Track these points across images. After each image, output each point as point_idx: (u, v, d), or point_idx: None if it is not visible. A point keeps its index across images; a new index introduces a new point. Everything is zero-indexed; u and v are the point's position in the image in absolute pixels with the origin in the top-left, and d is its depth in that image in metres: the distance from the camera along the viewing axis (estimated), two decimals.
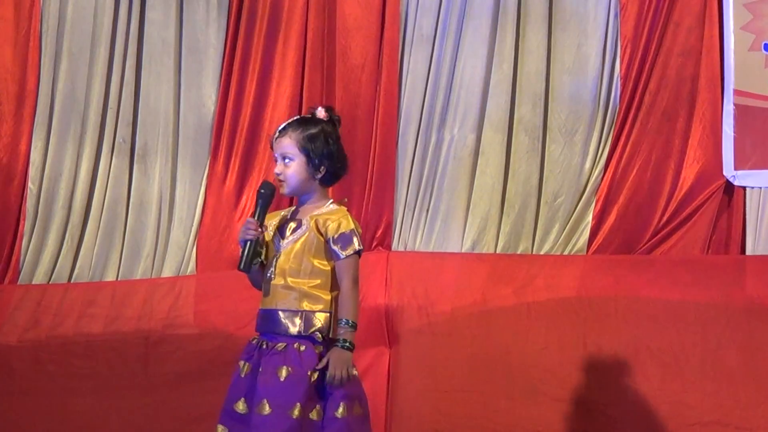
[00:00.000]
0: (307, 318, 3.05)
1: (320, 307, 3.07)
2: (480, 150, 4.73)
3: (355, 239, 3.09)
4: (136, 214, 4.70)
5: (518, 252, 4.68)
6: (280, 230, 3.17)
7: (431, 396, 4.38)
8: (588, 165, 4.69)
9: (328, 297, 3.08)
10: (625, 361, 4.31)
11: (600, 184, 4.66)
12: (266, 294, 3.13)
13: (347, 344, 3.02)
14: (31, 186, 4.62)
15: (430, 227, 4.73)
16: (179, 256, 4.69)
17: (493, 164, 4.72)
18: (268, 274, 3.12)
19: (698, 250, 4.57)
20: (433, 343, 4.44)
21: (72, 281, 4.62)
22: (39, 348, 4.39)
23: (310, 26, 4.71)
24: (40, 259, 4.61)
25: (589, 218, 4.66)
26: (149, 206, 4.71)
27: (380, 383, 4.42)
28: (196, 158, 4.75)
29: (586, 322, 4.38)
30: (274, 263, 3.12)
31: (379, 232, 4.71)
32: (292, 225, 3.15)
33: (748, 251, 4.56)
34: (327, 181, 3.18)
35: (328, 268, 3.10)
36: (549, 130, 4.70)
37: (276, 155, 3.16)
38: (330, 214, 3.12)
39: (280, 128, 3.17)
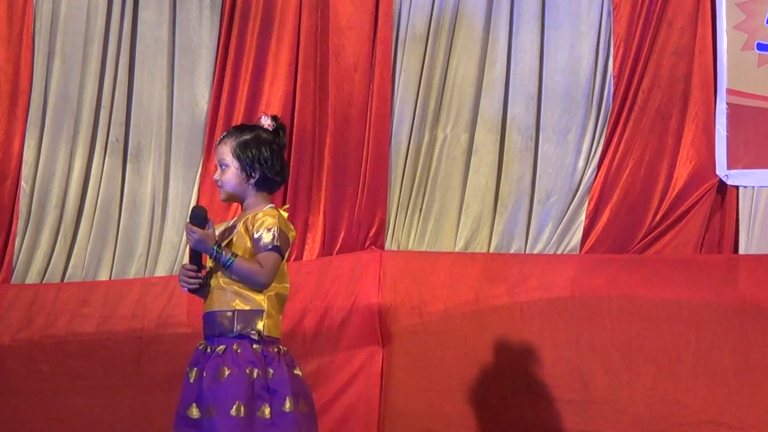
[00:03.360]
0: (241, 317, 3.07)
1: (253, 306, 3.08)
2: (473, 149, 4.72)
3: (274, 235, 3.08)
4: (129, 213, 4.70)
5: (511, 251, 4.67)
6: (221, 237, 3.19)
7: (424, 395, 4.38)
8: (581, 164, 4.68)
9: (260, 296, 3.09)
10: (618, 361, 4.31)
11: (593, 184, 4.65)
12: (206, 298, 3.16)
13: (217, 247, 3.04)
14: (24, 185, 4.62)
15: (423, 226, 4.72)
16: (172, 256, 4.68)
17: (486, 163, 4.71)
18: (207, 279, 3.16)
19: (691, 250, 4.56)
20: (427, 343, 4.44)
21: (65, 280, 4.63)
22: (32, 347, 4.40)
23: (303, 26, 4.70)
24: (33, 259, 4.61)
25: (582, 217, 4.65)
26: (142, 206, 4.70)
27: (373, 383, 4.42)
28: (189, 157, 4.74)
29: (579, 322, 4.38)
30: (211, 268, 3.16)
31: (372, 231, 4.69)
32: (228, 231, 3.20)
33: (741, 250, 4.55)
34: (264, 187, 3.19)
35: None
36: (542, 130, 4.69)
37: (216, 162, 3.23)
38: (259, 214, 3.14)
39: (221, 137, 3.24)
